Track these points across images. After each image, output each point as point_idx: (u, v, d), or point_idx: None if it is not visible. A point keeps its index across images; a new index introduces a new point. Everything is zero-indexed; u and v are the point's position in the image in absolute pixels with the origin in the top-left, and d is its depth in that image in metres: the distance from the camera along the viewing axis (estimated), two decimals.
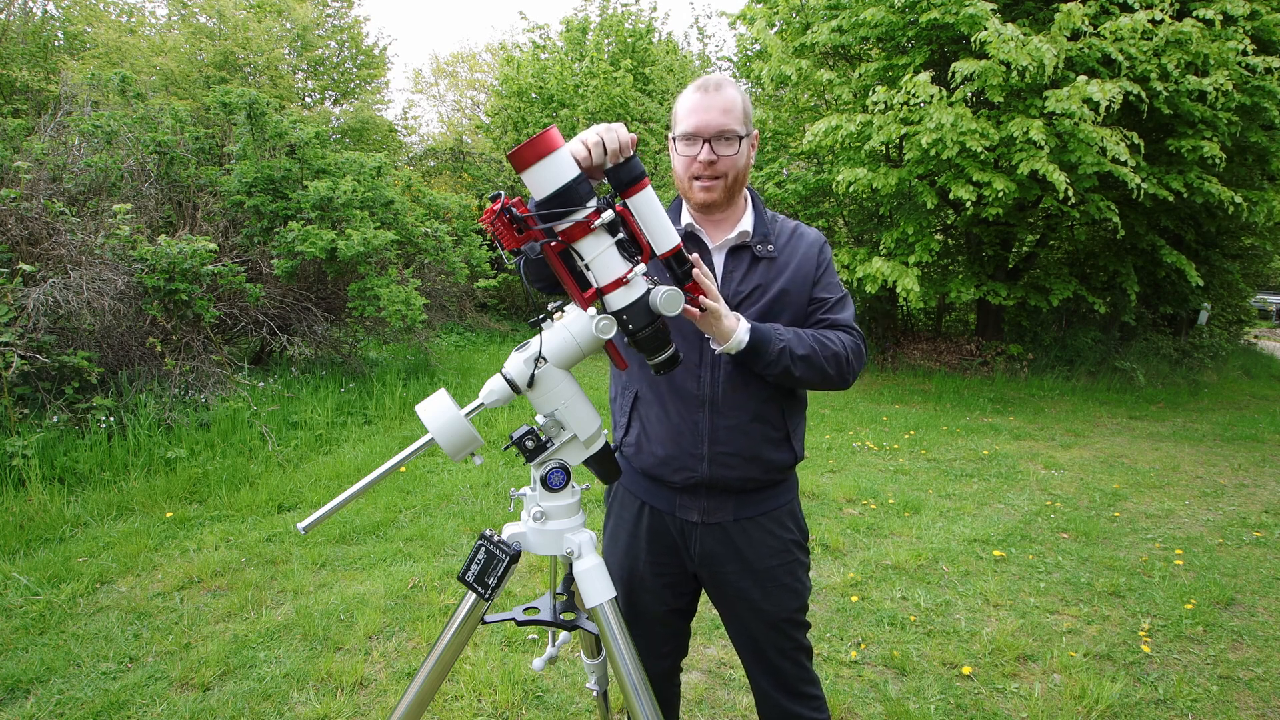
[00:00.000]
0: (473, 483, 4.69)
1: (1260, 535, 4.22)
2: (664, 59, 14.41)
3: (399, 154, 15.78)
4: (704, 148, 1.48)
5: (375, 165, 7.48)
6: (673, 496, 1.61)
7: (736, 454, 1.54)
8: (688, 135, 1.49)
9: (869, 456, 5.70)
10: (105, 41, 12.55)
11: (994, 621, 3.08)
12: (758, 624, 1.64)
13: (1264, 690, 2.66)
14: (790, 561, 1.63)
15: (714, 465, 1.54)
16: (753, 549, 1.59)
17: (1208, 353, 10.38)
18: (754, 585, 1.60)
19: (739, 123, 1.49)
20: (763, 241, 1.57)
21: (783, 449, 1.59)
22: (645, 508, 1.65)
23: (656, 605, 1.68)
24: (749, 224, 1.58)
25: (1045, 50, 6.69)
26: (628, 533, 1.67)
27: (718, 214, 1.58)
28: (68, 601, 3.06)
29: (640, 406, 1.61)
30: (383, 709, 2.42)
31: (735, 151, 1.49)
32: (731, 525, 1.59)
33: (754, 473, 1.56)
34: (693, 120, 1.48)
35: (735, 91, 1.50)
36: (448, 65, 21.75)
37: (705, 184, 1.51)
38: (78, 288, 4.84)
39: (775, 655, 1.66)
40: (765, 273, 1.55)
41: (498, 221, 1.20)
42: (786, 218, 1.66)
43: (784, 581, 1.62)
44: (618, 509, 1.71)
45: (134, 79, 7.39)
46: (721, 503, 1.58)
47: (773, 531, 1.61)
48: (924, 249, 7.98)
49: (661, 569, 1.65)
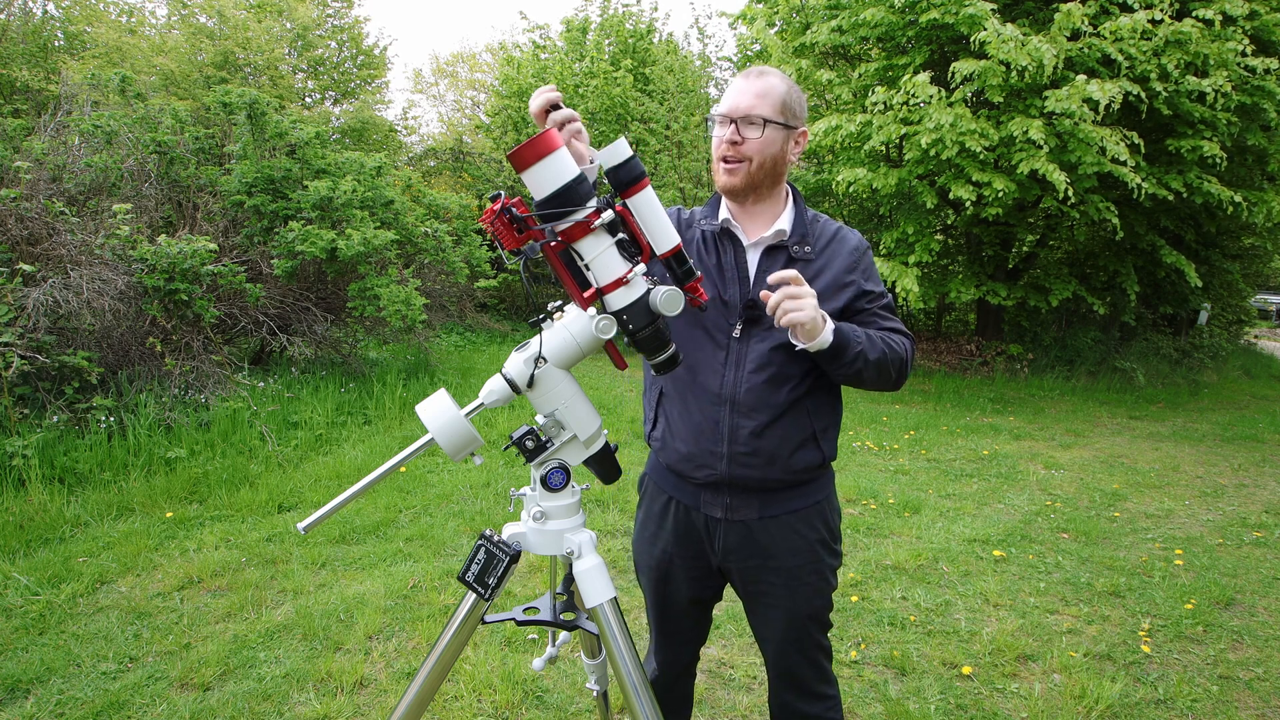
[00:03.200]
0: (473, 483, 4.69)
1: (1260, 535, 4.22)
2: (664, 59, 14.38)
3: (399, 154, 15.78)
4: (730, 128, 1.48)
5: (375, 165, 7.48)
6: (697, 492, 1.61)
7: (755, 454, 1.52)
8: (720, 115, 1.50)
9: (869, 456, 5.70)
10: (105, 41, 12.55)
11: (994, 621, 3.08)
12: (779, 621, 1.63)
13: (1264, 690, 2.66)
14: (815, 561, 1.61)
15: (733, 464, 1.53)
16: (776, 547, 1.58)
17: (1208, 353, 10.38)
18: (778, 583, 1.60)
19: (772, 109, 1.47)
20: (800, 242, 1.54)
21: (808, 450, 1.56)
22: (672, 501, 1.66)
23: (683, 595, 1.70)
24: (787, 223, 1.55)
25: (1045, 50, 6.69)
26: (655, 524, 1.69)
27: (753, 205, 1.56)
28: (68, 601, 3.06)
29: (665, 402, 1.62)
30: (383, 709, 2.42)
31: (760, 135, 1.47)
32: (755, 523, 1.58)
33: (775, 473, 1.54)
34: (726, 101, 1.50)
35: (779, 81, 1.49)
36: (448, 65, 21.75)
37: (728, 166, 1.50)
38: (78, 288, 4.84)
39: (795, 653, 1.66)
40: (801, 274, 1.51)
41: (498, 221, 1.20)
42: (830, 219, 1.62)
43: (808, 580, 1.60)
44: (647, 501, 1.73)
45: (134, 79, 7.39)
46: (745, 500, 1.57)
47: (798, 531, 1.59)
48: (924, 249, 7.98)
49: (688, 561, 1.66)
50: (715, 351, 1.53)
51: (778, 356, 1.51)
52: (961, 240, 10.31)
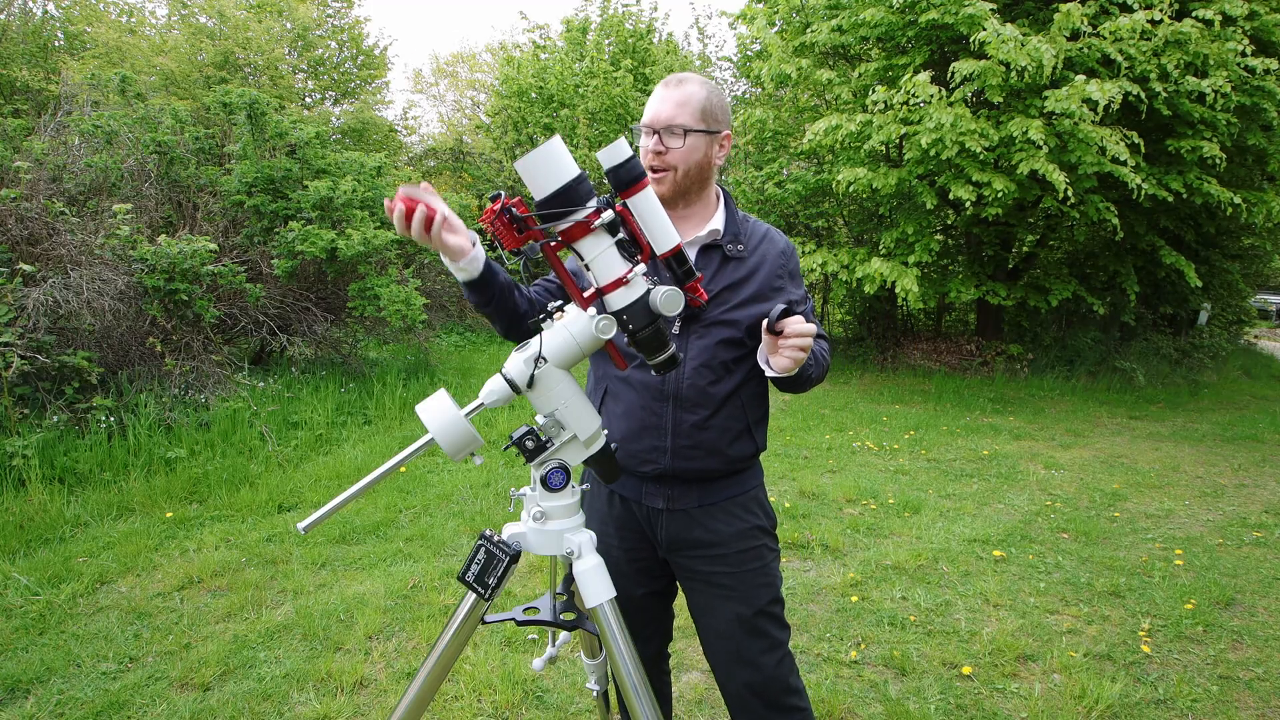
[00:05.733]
0: (473, 483, 4.69)
1: (1260, 535, 4.22)
2: (664, 59, 14.40)
3: (399, 154, 15.77)
4: (653, 138, 1.52)
5: (375, 165, 7.48)
6: (639, 484, 1.64)
7: (698, 447, 1.57)
8: (644, 126, 1.55)
9: (869, 456, 5.70)
10: (105, 41, 12.55)
11: (994, 621, 3.08)
12: (731, 616, 1.61)
13: (1264, 690, 2.66)
14: (758, 546, 1.65)
15: (676, 457, 1.57)
16: (719, 532, 1.62)
17: (1208, 353, 10.37)
18: (723, 570, 1.62)
19: (692, 117, 1.51)
20: (733, 241, 1.59)
21: (744, 441, 1.62)
22: (614, 495, 1.69)
23: (634, 588, 1.71)
24: (720, 223, 1.59)
25: (1044, 50, 6.69)
26: (599, 519, 1.71)
27: (678, 209, 1.60)
28: (68, 601, 3.06)
29: (609, 400, 1.65)
30: (383, 709, 2.42)
31: (682, 145, 1.51)
32: (696, 510, 1.62)
33: (714, 464, 1.60)
34: (648, 111, 1.55)
35: (698, 88, 1.53)
36: (448, 65, 21.77)
37: (655, 176, 1.54)
38: (78, 288, 4.84)
39: (754, 654, 1.62)
40: (735, 272, 1.58)
41: (498, 221, 1.20)
42: (759, 220, 1.69)
43: (753, 567, 1.63)
44: (589, 497, 1.76)
45: (134, 79, 7.39)
46: (685, 490, 1.62)
47: (738, 516, 1.64)
48: (924, 249, 7.98)
49: (634, 554, 1.69)
50: None
51: (716, 352, 1.56)
52: (961, 240, 10.31)
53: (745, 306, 1.57)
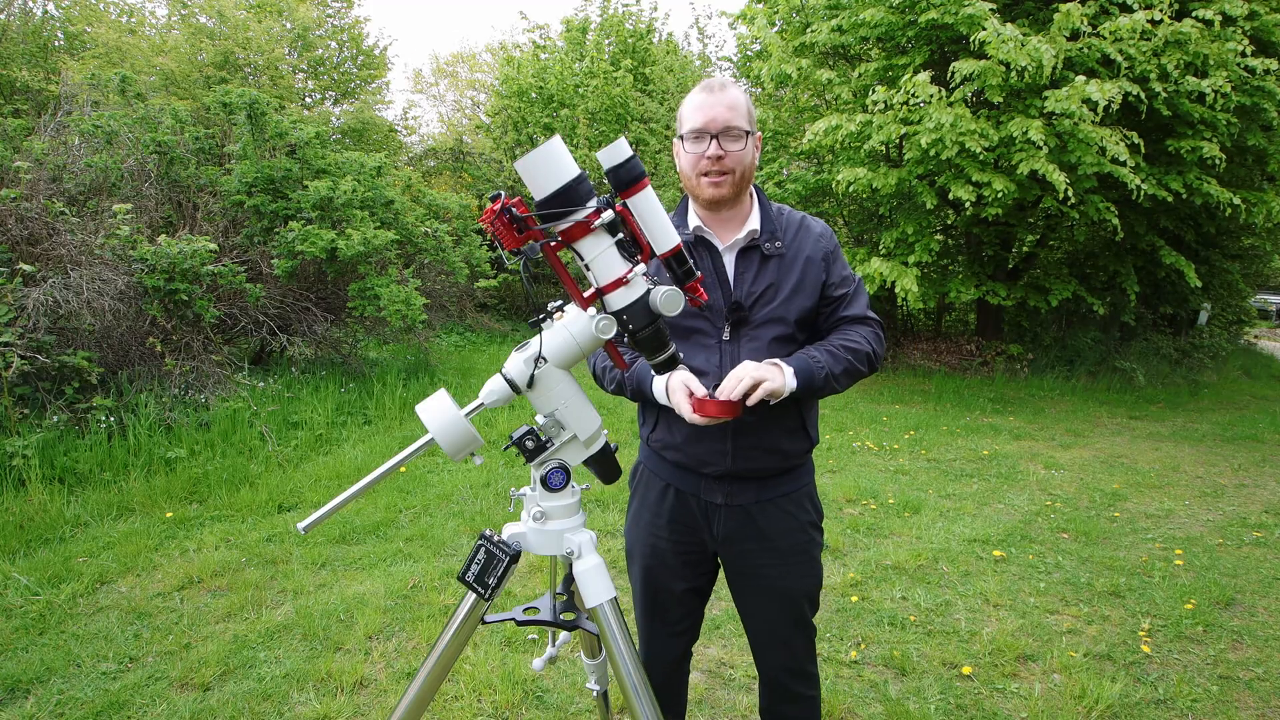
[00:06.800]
0: (473, 483, 4.69)
1: (1260, 535, 4.22)
2: (664, 59, 14.38)
3: (399, 154, 15.76)
4: (712, 143, 1.52)
5: (375, 165, 7.48)
6: (698, 480, 1.67)
7: (757, 447, 1.61)
8: (696, 132, 1.53)
9: (869, 456, 5.70)
10: (105, 41, 12.54)
11: (994, 621, 3.08)
12: (774, 602, 1.71)
13: (1264, 690, 2.66)
14: (807, 541, 1.71)
15: (738, 459, 1.61)
16: (773, 528, 1.66)
17: (1208, 353, 10.37)
18: (773, 562, 1.68)
19: (744, 120, 1.54)
20: (770, 239, 1.61)
21: (798, 437, 1.66)
22: (670, 489, 1.71)
23: (676, 583, 1.74)
24: (756, 222, 1.62)
25: (1044, 50, 6.68)
26: (651, 511, 1.73)
27: (726, 212, 1.61)
28: (68, 601, 3.06)
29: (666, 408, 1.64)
30: (383, 709, 2.42)
31: (742, 147, 1.54)
32: (753, 506, 1.66)
33: (773, 462, 1.63)
34: (700, 117, 1.53)
35: (739, 92, 1.55)
36: (448, 65, 21.75)
37: (714, 180, 1.55)
38: (78, 288, 4.84)
39: (789, 633, 1.72)
40: (776, 270, 1.60)
41: (498, 221, 1.20)
42: (792, 209, 1.70)
43: (801, 560, 1.70)
44: (642, 490, 1.78)
45: (134, 79, 7.39)
46: (744, 487, 1.65)
47: (792, 513, 1.68)
48: (924, 249, 7.98)
49: (682, 547, 1.72)
50: (709, 356, 1.59)
51: (770, 350, 1.58)
52: (961, 240, 10.31)
53: (791, 299, 1.59)
